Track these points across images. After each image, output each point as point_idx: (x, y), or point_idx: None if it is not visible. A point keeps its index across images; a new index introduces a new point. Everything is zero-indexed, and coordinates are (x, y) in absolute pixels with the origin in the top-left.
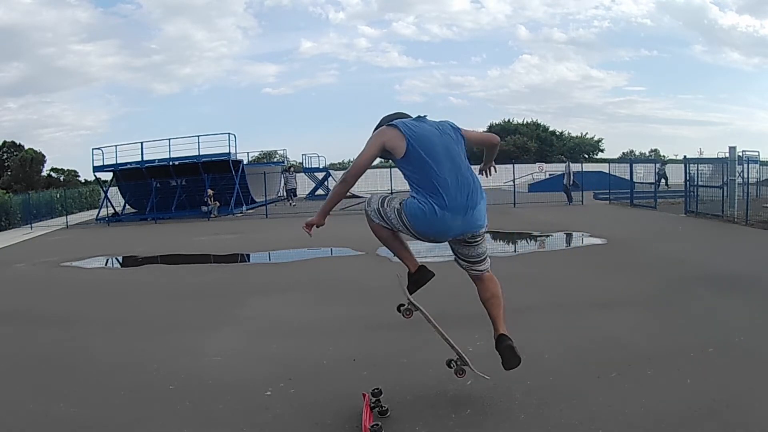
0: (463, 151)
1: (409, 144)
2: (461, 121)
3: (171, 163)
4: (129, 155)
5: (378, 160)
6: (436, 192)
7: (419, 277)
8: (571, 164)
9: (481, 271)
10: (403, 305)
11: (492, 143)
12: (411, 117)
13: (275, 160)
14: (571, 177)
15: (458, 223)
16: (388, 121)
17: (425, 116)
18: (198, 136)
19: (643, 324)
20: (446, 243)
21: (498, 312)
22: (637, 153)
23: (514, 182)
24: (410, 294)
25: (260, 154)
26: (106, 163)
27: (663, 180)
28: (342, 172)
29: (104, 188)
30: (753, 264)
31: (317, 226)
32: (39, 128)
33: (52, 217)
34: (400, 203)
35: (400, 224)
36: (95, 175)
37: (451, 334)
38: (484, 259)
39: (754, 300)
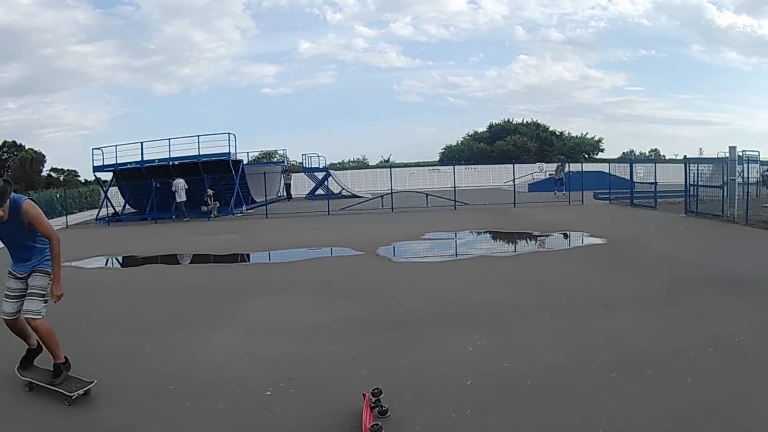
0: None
1: None
2: (459, 121)
3: (171, 163)
4: (129, 155)
5: (379, 159)
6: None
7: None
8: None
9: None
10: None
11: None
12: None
13: (275, 160)
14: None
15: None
16: None
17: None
18: (198, 136)
19: (643, 324)
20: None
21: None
22: (637, 153)
23: (514, 182)
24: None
25: (260, 154)
26: (106, 163)
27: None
28: (341, 171)
29: (104, 188)
30: (753, 264)
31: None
32: (39, 128)
33: (51, 217)
34: None
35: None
36: (95, 175)
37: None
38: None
39: (754, 300)
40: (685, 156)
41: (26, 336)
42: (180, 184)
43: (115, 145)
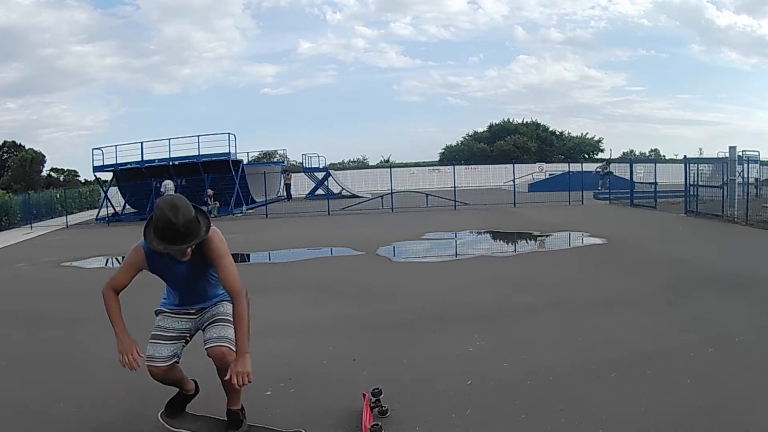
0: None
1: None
2: (459, 121)
3: (171, 163)
4: (129, 155)
5: (379, 159)
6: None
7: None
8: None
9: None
10: None
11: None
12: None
13: (275, 160)
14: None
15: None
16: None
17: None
18: (198, 136)
19: (644, 324)
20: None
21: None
22: (637, 153)
23: (514, 182)
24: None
25: (260, 154)
26: (106, 163)
27: None
28: (341, 171)
29: (104, 188)
30: (753, 264)
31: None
32: (39, 128)
33: (52, 217)
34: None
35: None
36: (95, 175)
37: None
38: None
39: (754, 300)
40: (685, 156)
41: (182, 384)
42: (168, 184)
43: (115, 145)
